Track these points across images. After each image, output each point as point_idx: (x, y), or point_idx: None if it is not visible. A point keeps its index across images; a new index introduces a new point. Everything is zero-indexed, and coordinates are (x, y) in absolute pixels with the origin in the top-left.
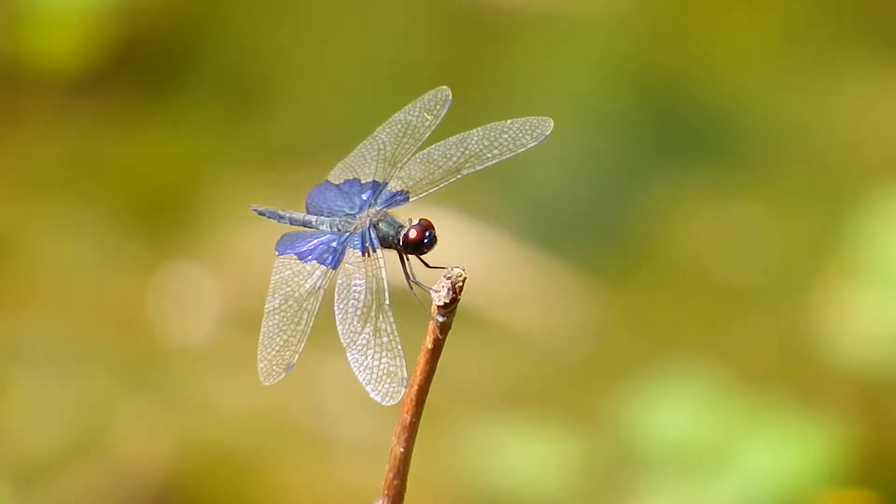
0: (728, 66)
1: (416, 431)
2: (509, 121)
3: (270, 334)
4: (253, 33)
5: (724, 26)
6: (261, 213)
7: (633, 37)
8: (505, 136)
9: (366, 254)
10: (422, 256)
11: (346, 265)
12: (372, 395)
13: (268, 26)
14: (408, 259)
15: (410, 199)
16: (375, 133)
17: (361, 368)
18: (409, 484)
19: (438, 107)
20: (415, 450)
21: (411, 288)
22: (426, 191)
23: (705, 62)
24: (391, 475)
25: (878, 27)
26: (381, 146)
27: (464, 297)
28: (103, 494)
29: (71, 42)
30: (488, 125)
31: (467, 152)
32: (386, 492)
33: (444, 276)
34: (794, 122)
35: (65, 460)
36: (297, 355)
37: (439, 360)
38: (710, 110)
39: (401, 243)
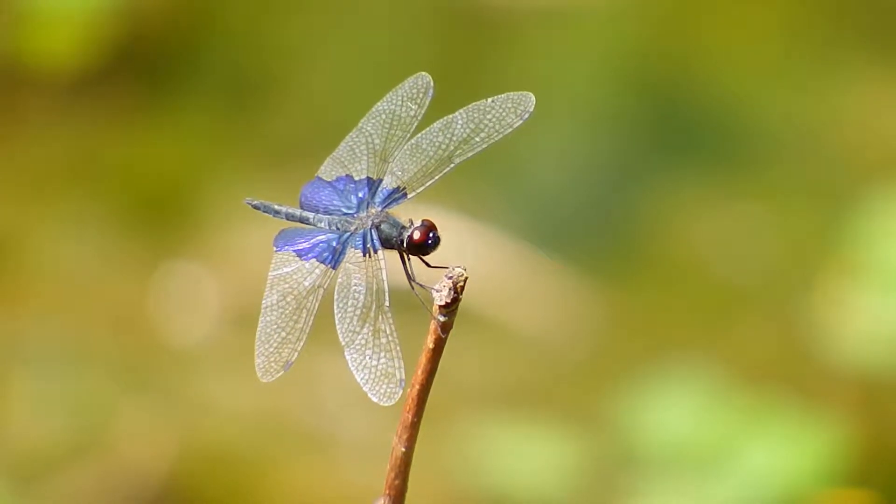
0: (728, 65)
1: (417, 431)
2: (490, 99)
3: (268, 330)
4: (253, 33)
5: (724, 26)
6: (255, 207)
7: (634, 36)
8: (489, 116)
9: (367, 254)
10: (424, 257)
11: (347, 265)
12: (369, 395)
13: (268, 26)
14: (409, 259)
15: (409, 196)
16: (360, 125)
17: (359, 368)
18: (410, 484)
19: (421, 95)
20: (415, 449)
21: (412, 288)
22: (422, 184)
23: (706, 62)
24: (392, 475)
25: (878, 27)
26: (369, 139)
27: (464, 297)
28: (103, 494)
29: (71, 42)
30: (470, 105)
31: (455, 138)
32: (387, 492)
33: (446, 275)
34: (794, 121)
35: (65, 460)
36: (295, 353)
37: (440, 360)
38: (711, 110)
39: (404, 244)
